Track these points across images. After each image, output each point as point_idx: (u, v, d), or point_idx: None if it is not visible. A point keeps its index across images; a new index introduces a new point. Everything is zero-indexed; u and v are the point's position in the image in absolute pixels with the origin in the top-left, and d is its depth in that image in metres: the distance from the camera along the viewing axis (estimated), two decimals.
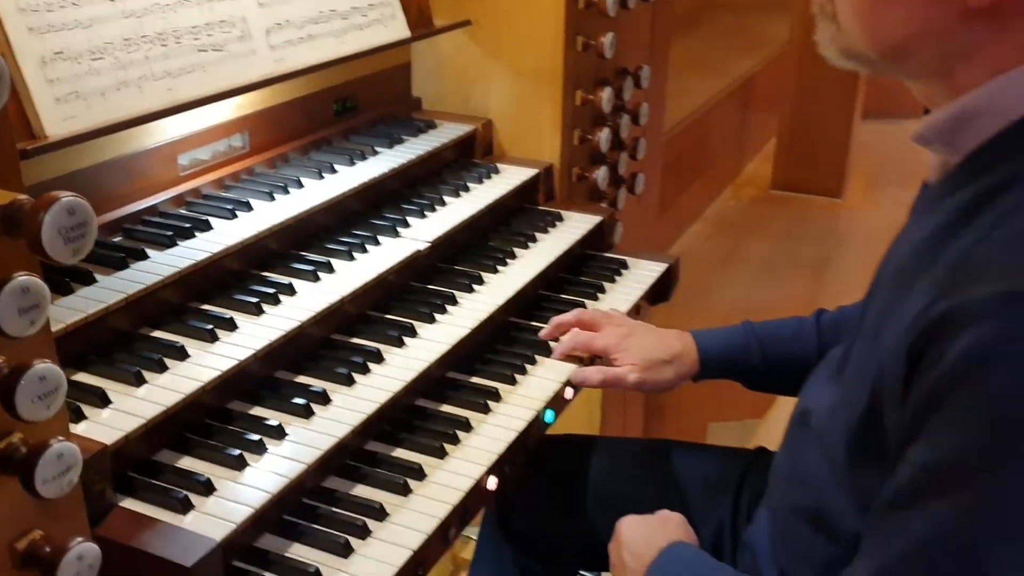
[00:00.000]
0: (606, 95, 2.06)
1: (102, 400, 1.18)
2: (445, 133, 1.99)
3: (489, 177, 1.96)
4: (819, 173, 4.40)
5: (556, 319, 1.66)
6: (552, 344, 1.63)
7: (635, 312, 1.85)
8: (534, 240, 1.87)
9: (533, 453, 1.51)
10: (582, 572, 1.90)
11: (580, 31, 1.98)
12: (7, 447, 0.89)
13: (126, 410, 1.17)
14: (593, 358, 1.61)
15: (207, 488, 1.16)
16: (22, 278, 0.81)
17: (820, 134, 4.35)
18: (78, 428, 1.13)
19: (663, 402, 2.99)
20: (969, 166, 1.00)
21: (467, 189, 1.88)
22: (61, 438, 0.90)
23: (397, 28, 1.74)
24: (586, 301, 1.80)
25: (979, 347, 0.85)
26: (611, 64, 2.11)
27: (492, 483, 1.36)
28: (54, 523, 0.95)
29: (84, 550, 0.93)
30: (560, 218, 1.98)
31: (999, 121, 0.96)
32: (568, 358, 1.61)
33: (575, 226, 1.96)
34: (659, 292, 1.95)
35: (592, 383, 1.58)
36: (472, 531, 1.84)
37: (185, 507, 1.12)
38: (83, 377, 1.22)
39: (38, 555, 0.92)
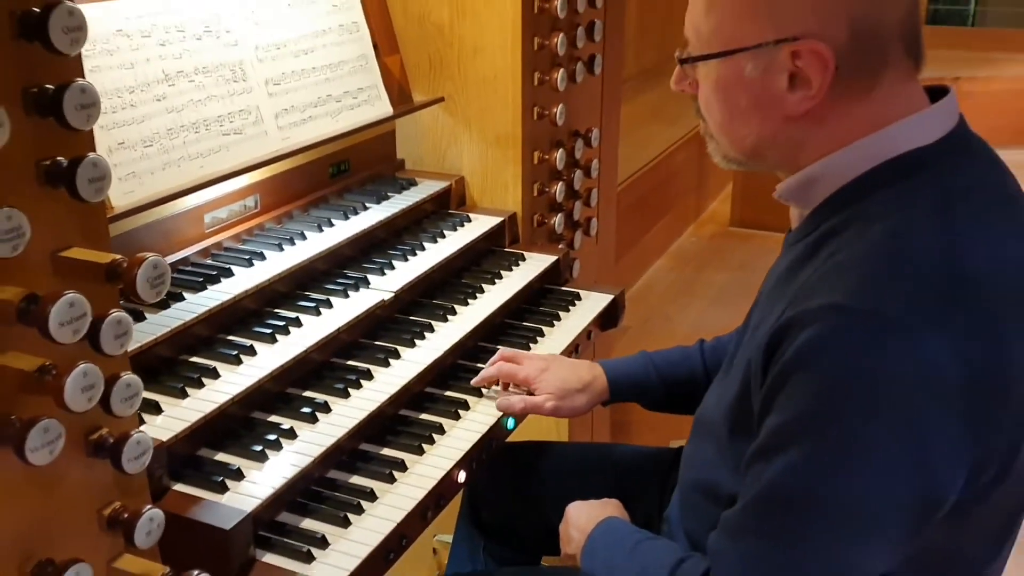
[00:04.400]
0: (559, 155, 2.38)
1: (156, 409, 1.47)
2: (424, 189, 2.29)
3: (462, 225, 2.25)
4: (772, 211, 4.57)
5: (483, 372, 1.81)
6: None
7: (586, 336, 2.12)
8: (499, 277, 2.15)
9: (499, 454, 1.75)
10: (545, 556, 2.21)
11: (536, 102, 2.29)
12: (99, 438, 1.15)
13: (175, 416, 1.46)
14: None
15: (237, 475, 1.44)
16: (116, 313, 1.09)
17: (771, 175, 4.58)
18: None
19: (629, 420, 3.26)
20: (814, 217, 1.30)
21: (443, 236, 2.18)
22: (139, 430, 1.21)
23: (382, 106, 2.09)
24: (544, 328, 2.06)
25: (809, 343, 1.11)
26: (564, 128, 2.42)
27: (462, 476, 1.62)
28: (128, 497, 1.20)
29: (153, 514, 1.18)
30: (523, 258, 2.27)
31: (834, 183, 1.27)
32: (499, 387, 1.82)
33: (535, 264, 2.24)
34: (608, 319, 2.23)
35: (515, 410, 1.75)
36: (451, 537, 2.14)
37: (222, 488, 1.40)
38: None
39: (119, 519, 1.18)
